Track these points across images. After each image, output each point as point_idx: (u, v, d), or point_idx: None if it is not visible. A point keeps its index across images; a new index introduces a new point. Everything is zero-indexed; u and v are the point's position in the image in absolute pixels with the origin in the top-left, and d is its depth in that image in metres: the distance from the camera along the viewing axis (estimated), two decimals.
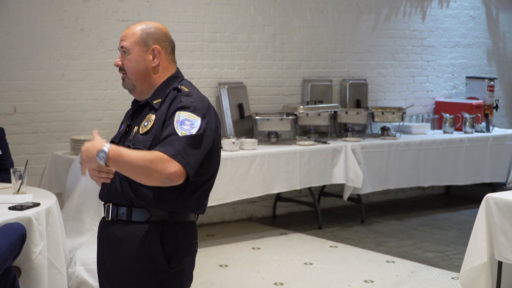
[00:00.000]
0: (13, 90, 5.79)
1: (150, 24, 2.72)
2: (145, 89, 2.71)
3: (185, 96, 2.60)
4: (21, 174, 4.01)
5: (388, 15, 8.12)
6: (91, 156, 2.49)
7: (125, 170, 2.50)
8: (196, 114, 2.55)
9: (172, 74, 2.72)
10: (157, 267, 2.58)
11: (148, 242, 2.58)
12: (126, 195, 2.60)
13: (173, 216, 2.60)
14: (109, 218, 2.67)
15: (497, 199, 4.08)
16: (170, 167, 2.44)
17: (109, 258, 2.66)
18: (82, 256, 4.07)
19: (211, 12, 6.79)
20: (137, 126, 2.66)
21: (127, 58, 2.69)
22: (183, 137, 2.48)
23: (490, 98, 8.42)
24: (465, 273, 4.16)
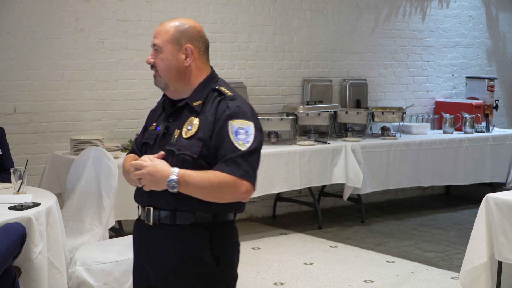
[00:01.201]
0: (13, 90, 5.79)
1: (184, 21, 2.67)
2: (179, 88, 2.65)
3: (231, 100, 2.56)
4: (21, 174, 4.01)
5: (388, 15, 8.12)
6: (157, 181, 2.50)
7: (195, 194, 2.49)
8: (247, 119, 2.53)
9: (208, 74, 2.67)
10: (207, 269, 2.56)
11: (196, 245, 2.55)
12: (169, 200, 2.56)
13: (217, 217, 2.58)
14: (151, 222, 2.63)
15: (497, 199, 4.08)
16: (241, 188, 2.47)
17: (152, 262, 2.62)
18: (82, 256, 4.07)
19: (211, 12, 6.79)
20: (178, 129, 2.59)
21: (159, 56, 2.63)
22: (245, 152, 2.48)
23: (490, 98, 8.42)
24: (465, 273, 4.16)
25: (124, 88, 6.33)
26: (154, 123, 2.74)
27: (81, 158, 4.82)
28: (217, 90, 2.60)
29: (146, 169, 2.52)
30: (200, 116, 2.57)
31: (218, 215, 2.58)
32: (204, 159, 2.53)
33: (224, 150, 2.49)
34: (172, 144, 2.57)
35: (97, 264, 4.00)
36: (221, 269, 2.58)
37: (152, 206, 2.63)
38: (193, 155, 2.52)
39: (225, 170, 2.46)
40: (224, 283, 2.61)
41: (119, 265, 4.00)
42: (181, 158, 2.53)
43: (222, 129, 2.51)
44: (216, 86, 2.63)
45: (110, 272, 3.99)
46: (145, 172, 2.53)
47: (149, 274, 2.63)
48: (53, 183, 5.62)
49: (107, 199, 4.54)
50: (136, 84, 6.40)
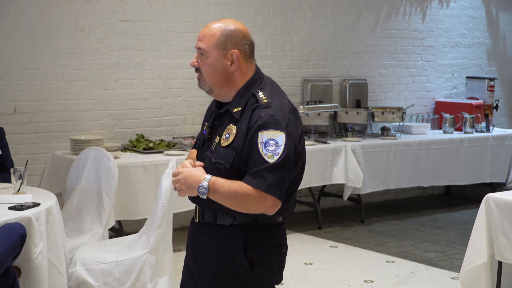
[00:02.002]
0: (13, 90, 5.79)
1: (230, 24, 2.60)
2: (223, 92, 2.63)
3: (264, 108, 2.51)
4: (21, 174, 4.01)
5: (388, 15, 8.12)
6: (190, 186, 2.54)
7: (222, 202, 2.52)
8: (279, 129, 2.48)
9: (250, 77, 2.62)
10: (241, 271, 2.58)
11: (231, 246, 2.58)
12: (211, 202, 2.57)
13: (257, 219, 2.58)
14: (197, 219, 2.70)
15: (497, 199, 4.08)
16: (266, 201, 2.46)
17: (194, 258, 2.71)
18: (82, 256, 4.07)
19: (211, 12, 6.79)
20: (218, 136, 2.60)
21: (204, 60, 2.59)
22: (272, 165, 2.45)
23: (490, 98, 8.43)
24: (465, 273, 4.16)
25: (124, 88, 6.33)
26: (206, 122, 2.74)
27: (81, 158, 4.82)
28: (255, 96, 2.56)
29: (182, 175, 2.56)
30: (238, 124, 2.55)
31: (259, 218, 2.57)
32: (235, 169, 2.53)
33: (252, 161, 2.48)
34: (211, 151, 2.60)
35: (97, 264, 4.00)
36: (257, 272, 2.58)
37: (199, 205, 2.68)
38: (226, 165, 2.53)
39: (251, 182, 2.46)
40: (260, 284, 2.61)
41: (119, 265, 4.00)
42: (216, 166, 2.55)
43: (252, 140, 2.49)
44: (257, 90, 2.59)
45: (110, 272, 3.99)
46: (181, 177, 2.57)
47: (192, 269, 2.71)
48: (53, 183, 5.62)
49: (107, 199, 4.54)
50: (136, 84, 6.40)
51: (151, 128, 6.50)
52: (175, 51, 6.59)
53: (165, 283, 4.10)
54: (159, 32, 6.48)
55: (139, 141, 6.17)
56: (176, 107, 6.64)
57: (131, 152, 6.00)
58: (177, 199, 5.54)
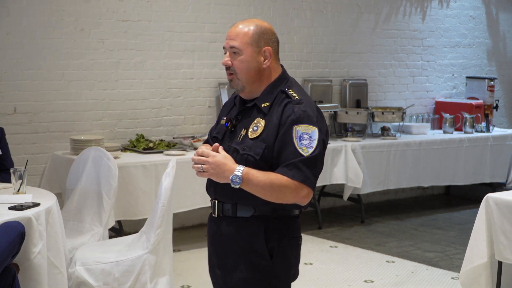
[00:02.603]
0: (13, 90, 5.79)
1: (259, 23, 2.70)
2: (254, 89, 2.70)
3: (297, 104, 2.61)
4: (21, 174, 4.01)
5: (388, 15, 8.12)
6: (221, 173, 2.55)
7: (255, 192, 2.56)
8: (312, 124, 2.59)
9: (279, 75, 2.73)
10: (261, 261, 2.64)
11: (252, 237, 2.64)
12: (231, 194, 2.64)
13: (276, 211, 2.65)
14: (216, 214, 2.75)
15: (497, 199, 4.08)
16: (301, 192, 2.54)
17: (215, 251, 2.78)
18: (82, 256, 4.07)
19: (211, 12, 6.79)
20: (245, 129, 2.67)
21: (238, 58, 2.66)
22: (307, 158, 2.54)
23: (490, 98, 8.43)
24: (465, 273, 4.16)
25: (124, 88, 6.33)
26: (225, 117, 2.79)
27: (81, 158, 4.82)
28: (285, 92, 2.65)
29: (214, 159, 2.56)
30: (267, 117, 2.63)
31: (278, 209, 2.65)
32: (265, 160, 2.59)
33: (287, 154, 2.55)
34: (237, 142, 2.65)
35: (97, 264, 4.00)
36: (276, 262, 2.65)
37: (217, 200, 2.73)
38: (256, 156, 2.59)
39: (287, 174, 2.53)
40: (279, 276, 2.67)
41: (119, 265, 4.00)
42: (245, 157, 2.60)
43: (286, 133, 2.57)
44: (286, 87, 2.68)
45: (110, 272, 3.99)
46: (211, 161, 2.57)
47: (214, 263, 2.81)
48: (53, 183, 5.62)
49: (107, 199, 4.54)
50: (136, 84, 6.40)
51: (151, 128, 6.50)
52: (175, 51, 6.60)
53: (165, 283, 4.10)
54: (159, 32, 6.48)
55: (139, 141, 6.17)
56: (176, 107, 6.65)
57: (131, 152, 6.00)
58: (177, 199, 5.56)
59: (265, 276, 2.65)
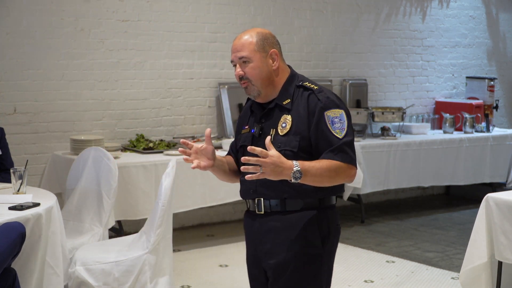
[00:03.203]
0: (13, 90, 5.79)
1: (259, 30, 2.87)
2: (269, 92, 2.86)
3: (319, 93, 2.81)
4: (21, 174, 4.01)
5: (388, 15, 8.12)
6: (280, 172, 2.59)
7: (313, 181, 2.69)
8: (337, 107, 2.79)
9: (289, 73, 2.90)
10: (314, 250, 2.80)
11: (305, 228, 2.79)
12: (279, 190, 2.78)
13: (323, 201, 2.82)
14: (262, 211, 2.85)
15: (497, 199, 4.08)
16: (350, 172, 2.73)
17: (265, 247, 2.86)
18: (82, 256, 4.07)
19: (211, 12, 6.79)
20: (273, 128, 2.82)
21: (249, 66, 2.82)
22: (346, 141, 2.73)
23: (490, 98, 8.42)
24: (465, 273, 4.16)
25: (124, 88, 6.33)
26: (246, 126, 2.96)
27: (81, 158, 4.82)
28: (302, 86, 2.84)
29: (272, 159, 2.59)
30: (292, 112, 2.80)
31: (324, 200, 2.83)
32: (303, 151, 2.76)
33: (326, 140, 2.73)
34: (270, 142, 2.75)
35: (97, 264, 4.00)
36: (326, 250, 2.83)
37: (262, 197, 2.85)
38: (293, 149, 2.75)
39: (335, 158, 2.70)
40: (328, 262, 2.86)
41: (119, 265, 4.00)
42: (282, 153, 2.68)
43: (319, 121, 2.75)
44: (300, 82, 2.87)
45: (110, 272, 3.99)
46: (269, 161, 2.59)
47: (262, 260, 2.88)
48: (53, 183, 5.62)
49: (107, 199, 4.54)
50: (136, 84, 6.40)
51: (151, 128, 6.50)
52: (175, 51, 6.60)
53: (165, 283, 4.10)
54: (159, 32, 6.48)
55: (139, 141, 6.17)
56: (176, 107, 6.65)
57: (131, 152, 6.00)
58: (177, 199, 5.56)
59: (318, 264, 2.81)
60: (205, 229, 6.71)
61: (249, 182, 2.80)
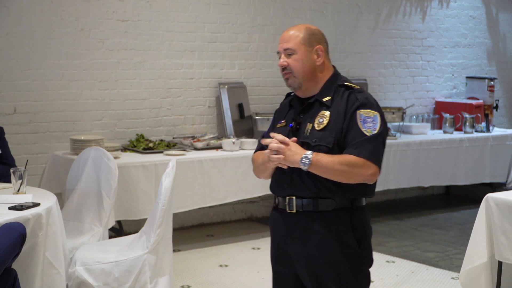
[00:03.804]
0: (13, 90, 5.79)
1: (308, 26, 2.96)
2: (310, 86, 2.91)
3: (359, 93, 2.86)
4: (21, 174, 4.01)
5: (388, 15, 8.12)
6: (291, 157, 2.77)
7: (324, 173, 2.76)
8: (374, 109, 2.83)
9: (333, 72, 2.96)
10: (350, 250, 2.84)
11: (339, 228, 2.82)
12: (311, 188, 2.82)
13: (355, 202, 2.86)
14: (294, 210, 2.87)
15: (497, 199, 4.07)
16: (368, 170, 2.77)
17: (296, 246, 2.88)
18: (82, 256, 4.07)
19: (211, 12, 6.79)
20: (310, 123, 2.86)
21: (293, 58, 2.89)
22: (371, 136, 2.77)
23: (490, 98, 8.42)
24: (465, 273, 4.16)
25: (124, 88, 6.33)
26: (282, 120, 2.99)
27: (81, 158, 4.82)
28: (344, 85, 2.89)
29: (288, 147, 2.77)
30: (331, 109, 2.85)
31: (355, 201, 2.87)
32: (339, 147, 2.80)
33: (352, 136, 2.77)
34: (305, 136, 2.85)
35: (97, 264, 4.00)
36: (362, 250, 2.87)
37: (294, 196, 2.87)
38: (328, 145, 2.79)
39: (353, 152, 2.75)
40: (365, 262, 2.91)
41: (119, 265, 4.00)
42: (317, 149, 2.79)
43: (352, 118, 2.80)
44: (342, 82, 2.92)
45: (110, 272, 3.99)
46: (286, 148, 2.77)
47: (292, 259, 2.91)
48: (53, 183, 5.62)
49: (107, 199, 4.54)
50: (136, 84, 6.40)
51: (151, 128, 6.50)
52: (175, 51, 6.60)
53: (165, 283, 4.10)
54: (159, 32, 6.48)
55: (139, 141, 6.17)
56: (176, 107, 6.65)
57: (131, 152, 6.00)
58: (177, 199, 5.56)
59: (356, 264, 2.85)
60: (205, 229, 6.71)
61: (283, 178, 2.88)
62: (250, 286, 5.10)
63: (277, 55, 2.97)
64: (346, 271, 2.84)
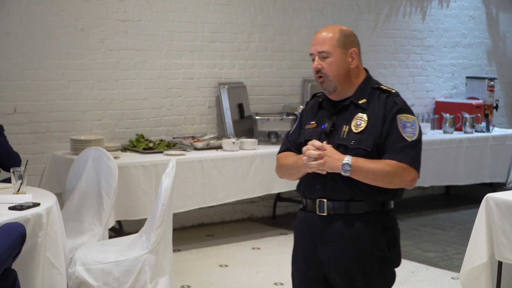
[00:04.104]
0: (13, 90, 5.79)
1: (342, 27, 2.91)
2: (345, 89, 2.89)
3: (396, 97, 2.86)
4: (21, 174, 4.01)
5: (388, 15, 8.12)
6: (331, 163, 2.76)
7: (365, 178, 2.77)
8: (411, 114, 2.85)
9: (366, 75, 2.95)
10: (381, 253, 2.88)
11: (370, 231, 2.84)
12: (345, 191, 2.82)
13: (386, 205, 2.89)
14: (325, 212, 2.86)
15: (497, 199, 4.07)
16: (409, 175, 2.79)
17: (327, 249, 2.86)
18: (82, 256, 4.06)
19: (211, 12, 6.79)
20: (346, 125, 2.84)
21: (327, 61, 2.85)
22: (412, 142, 2.79)
23: (490, 98, 8.42)
24: (465, 273, 4.16)
25: (124, 88, 6.33)
26: (311, 121, 2.96)
27: (81, 158, 4.82)
28: (379, 88, 2.89)
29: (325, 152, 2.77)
30: (367, 112, 2.83)
31: (386, 204, 2.89)
32: (377, 151, 2.80)
33: (393, 141, 2.78)
34: (342, 139, 2.83)
35: (97, 264, 4.00)
36: (392, 252, 2.93)
37: (325, 198, 2.86)
38: (367, 149, 2.79)
39: (394, 158, 2.76)
40: (394, 264, 2.97)
41: (119, 265, 4.00)
42: (355, 152, 2.79)
43: (392, 122, 2.80)
44: (375, 85, 2.91)
45: (110, 272, 3.99)
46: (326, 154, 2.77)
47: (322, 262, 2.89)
48: (53, 183, 5.62)
49: (107, 199, 4.54)
50: (136, 84, 6.40)
51: (151, 128, 6.50)
52: (175, 51, 6.59)
53: (165, 283, 4.10)
54: (159, 32, 6.48)
55: (139, 141, 6.17)
56: (176, 107, 6.65)
57: (131, 152, 6.00)
58: (177, 199, 5.56)
59: (385, 266, 2.90)
60: (205, 229, 6.71)
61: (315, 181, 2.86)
62: (250, 286, 5.10)
63: (310, 57, 2.93)
64: (376, 274, 2.87)
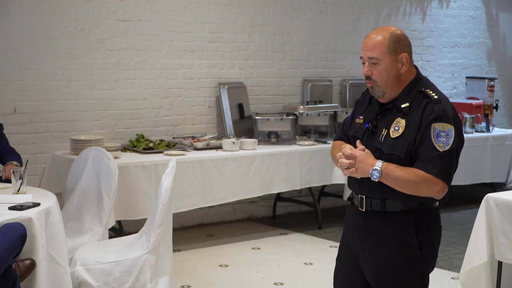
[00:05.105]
0: (13, 90, 5.79)
1: (392, 30, 2.85)
2: (393, 93, 2.88)
3: (436, 103, 2.79)
4: (21, 174, 4.01)
5: (388, 15, 8.12)
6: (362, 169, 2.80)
7: (393, 185, 2.78)
8: (449, 122, 2.77)
9: (414, 76, 2.90)
10: (411, 251, 2.84)
11: (403, 229, 2.84)
12: (380, 190, 2.84)
13: (423, 205, 2.85)
14: (364, 208, 2.91)
15: (497, 199, 4.07)
16: (435, 186, 2.76)
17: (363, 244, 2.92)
18: (82, 256, 4.07)
19: (211, 12, 6.79)
20: (385, 129, 2.86)
21: (377, 68, 2.83)
22: (443, 153, 2.74)
23: (490, 98, 8.42)
24: (465, 273, 4.16)
25: (124, 88, 6.33)
26: (360, 116, 2.99)
27: (81, 158, 4.82)
28: (423, 92, 2.84)
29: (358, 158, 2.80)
30: (407, 117, 2.82)
31: (424, 203, 2.85)
32: (410, 158, 2.79)
33: (424, 150, 2.76)
34: (380, 142, 2.85)
35: (97, 264, 4.00)
36: (424, 251, 2.86)
37: (364, 195, 2.91)
38: (400, 155, 2.79)
39: (423, 168, 2.74)
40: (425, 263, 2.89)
41: (119, 265, 4.00)
42: (389, 157, 2.80)
43: (425, 131, 2.77)
44: (422, 88, 2.86)
45: (110, 272, 3.99)
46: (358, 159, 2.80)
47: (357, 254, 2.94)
48: (53, 183, 5.62)
49: (107, 199, 4.54)
50: (136, 84, 6.40)
51: (151, 128, 6.50)
52: (175, 51, 6.60)
53: (165, 283, 4.10)
54: (159, 32, 6.48)
55: (139, 141, 6.17)
56: (176, 107, 6.65)
57: (131, 152, 6.00)
58: (177, 199, 5.56)
59: (415, 266, 2.85)
60: (205, 229, 6.71)
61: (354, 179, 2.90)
62: (250, 286, 5.10)
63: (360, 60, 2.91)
64: (404, 272, 2.86)
